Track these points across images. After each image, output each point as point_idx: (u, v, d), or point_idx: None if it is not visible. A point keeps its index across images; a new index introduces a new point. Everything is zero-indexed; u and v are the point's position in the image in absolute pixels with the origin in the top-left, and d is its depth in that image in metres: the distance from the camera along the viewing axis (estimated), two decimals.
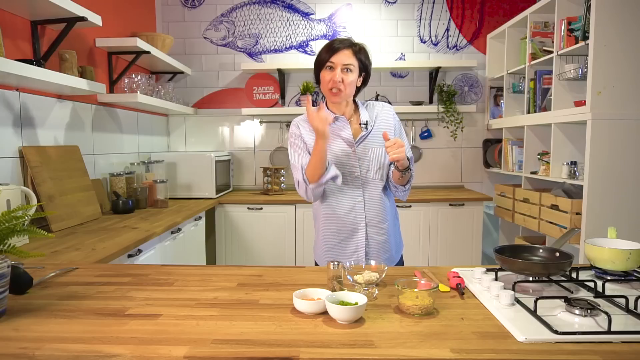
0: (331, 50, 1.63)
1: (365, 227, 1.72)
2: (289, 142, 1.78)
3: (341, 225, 1.73)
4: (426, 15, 3.97)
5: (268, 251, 3.54)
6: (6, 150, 2.09)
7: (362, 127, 1.72)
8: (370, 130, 1.72)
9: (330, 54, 1.63)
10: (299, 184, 1.72)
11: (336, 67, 1.62)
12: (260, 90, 4.01)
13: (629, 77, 2.43)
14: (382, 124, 1.75)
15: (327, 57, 1.63)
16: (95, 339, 0.92)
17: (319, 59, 1.66)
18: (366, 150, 1.71)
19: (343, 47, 1.63)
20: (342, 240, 1.74)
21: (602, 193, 2.46)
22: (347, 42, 1.65)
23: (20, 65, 1.83)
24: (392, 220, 1.80)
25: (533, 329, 0.95)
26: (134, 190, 2.94)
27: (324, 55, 1.64)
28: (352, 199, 1.72)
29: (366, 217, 1.72)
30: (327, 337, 0.93)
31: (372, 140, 1.72)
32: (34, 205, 1.23)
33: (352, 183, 1.71)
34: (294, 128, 1.77)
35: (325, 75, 1.65)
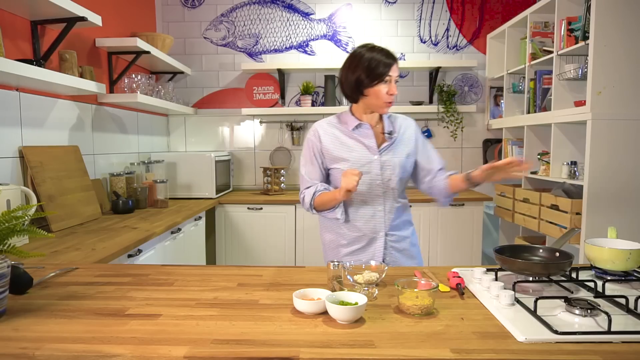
0: (388, 64, 1.63)
1: (384, 236, 1.71)
2: (304, 149, 1.77)
3: (359, 233, 1.72)
4: (426, 15, 3.97)
5: (268, 251, 3.54)
6: (6, 150, 2.09)
7: (387, 137, 1.72)
8: (394, 140, 1.72)
9: (388, 68, 1.62)
10: (303, 199, 1.72)
11: (392, 80, 1.64)
12: (260, 90, 4.01)
13: (629, 77, 2.43)
14: (405, 135, 1.76)
15: (386, 71, 1.62)
16: (95, 339, 0.92)
17: (378, 73, 1.62)
18: (389, 159, 1.70)
19: (394, 60, 1.65)
20: (359, 248, 1.73)
21: (602, 193, 2.46)
22: (393, 55, 1.66)
23: (20, 65, 1.83)
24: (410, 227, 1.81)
25: (533, 329, 0.95)
26: (134, 190, 2.94)
27: (382, 69, 1.62)
28: (373, 207, 1.71)
29: (385, 225, 1.71)
30: (327, 337, 0.93)
31: (395, 150, 1.72)
32: (34, 205, 1.23)
33: (373, 191, 1.70)
34: (312, 136, 1.75)
35: (381, 89, 1.63)
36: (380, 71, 1.62)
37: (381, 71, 1.62)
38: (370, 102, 1.67)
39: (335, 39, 3.99)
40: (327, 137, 1.72)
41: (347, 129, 1.72)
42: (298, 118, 4.03)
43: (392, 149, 1.71)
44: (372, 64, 1.62)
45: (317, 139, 1.73)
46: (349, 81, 1.67)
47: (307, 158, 1.75)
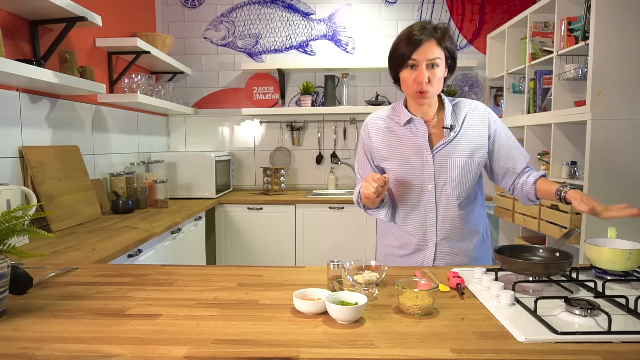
0: (412, 43, 1.34)
1: (435, 245, 1.53)
2: (359, 143, 1.64)
3: (407, 241, 1.56)
4: (426, 15, 3.97)
5: (268, 251, 3.54)
6: (6, 150, 2.09)
7: (445, 132, 1.47)
8: (455, 136, 1.47)
9: (411, 49, 1.34)
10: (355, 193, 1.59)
11: (420, 64, 1.36)
12: (260, 90, 4.01)
13: (629, 77, 2.43)
14: (471, 128, 1.49)
15: (409, 54, 1.35)
16: (95, 339, 0.92)
17: (398, 56, 1.38)
18: (446, 160, 1.46)
19: (425, 38, 1.35)
20: (406, 254, 1.58)
21: (602, 193, 2.46)
22: (428, 31, 1.36)
23: (20, 65, 1.83)
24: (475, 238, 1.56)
25: (533, 329, 0.95)
26: (134, 190, 2.94)
27: (403, 50, 1.36)
28: (424, 214, 1.52)
29: (437, 235, 1.52)
30: (327, 337, 0.93)
31: (455, 148, 1.46)
32: (34, 205, 1.23)
33: (425, 197, 1.50)
34: (363, 131, 1.60)
35: (406, 75, 1.39)
36: (400, 53, 1.37)
37: (402, 53, 1.37)
38: (404, 90, 1.45)
39: (335, 39, 3.99)
40: (377, 133, 1.55)
41: (399, 124, 1.52)
42: (298, 118, 4.03)
43: (450, 147, 1.47)
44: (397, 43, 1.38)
45: (367, 135, 1.57)
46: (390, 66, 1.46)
47: (360, 154, 1.61)
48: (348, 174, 4.09)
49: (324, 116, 4.04)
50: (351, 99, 4.01)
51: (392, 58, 1.43)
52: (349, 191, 3.93)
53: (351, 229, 3.50)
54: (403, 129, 1.51)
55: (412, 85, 1.40)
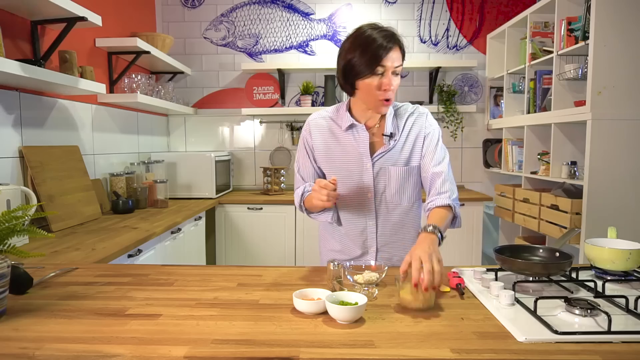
0: (382, 51, 1.29)
1: (375, 252, 1.51)
2: (299, 145, 1.58)
3: (348, 246, 1.54)
4: (426, 15, 3.97)
5: (268, 251, 3.54)
6: (6, 150, 2.09)
7: (385, 140, 1.45)
8: (395, 145, 1.45)
9: (380, 57, 1.29)
10: (296, 196, 1.56)
11: (387, 72, 1.32)
12: (260, 90, 4.01)
13: (629, 77, 2.43)
14: (412, 134, 1.47)
15: (377, 61, 1.29)
16: (95, 339, 0.92)
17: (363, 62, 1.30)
18: (386, 168, 1.45)
19: (393, 45, 1.31)
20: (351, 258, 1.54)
21: (602, 193, 2.46)
22: (394, 39, 1.32)
23: (20, 65, 1.83)
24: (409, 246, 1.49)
25: (533, 329, 0.95)
26: (134, 190, 2.94)
27: (370, 57, 1.29)
28: (363, 221, 1.49)
29: (377, 242, 1.51)
30: (327, 337, 0.93)
31: (395, 156, 1.45)
32: (34, 205, 1.23)
33: (365, 204, 1.48)
34: (305, 130, 1.55)
35: (372, 83, 1.32)
36: (367, 59, 1.29)
37: (368, 59, 1.29)
38: (363, 98, 1.39)
39: (335, 39, 3.99)
40: (319, 133, 1.50)
41: (341, 129, 1.48)
42: (298, 118, 4.03)
43: (390, 155, 1.45)
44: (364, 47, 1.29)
45: (309, 134, 1.52)
46: (339, 68, 1.37)
47: (300, 154, 1.55)
48: None
49: None
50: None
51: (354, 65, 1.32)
52: None
53: None
54: (344, 134, 1.48)
55: (378, 93, 1.34)
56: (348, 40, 1.36)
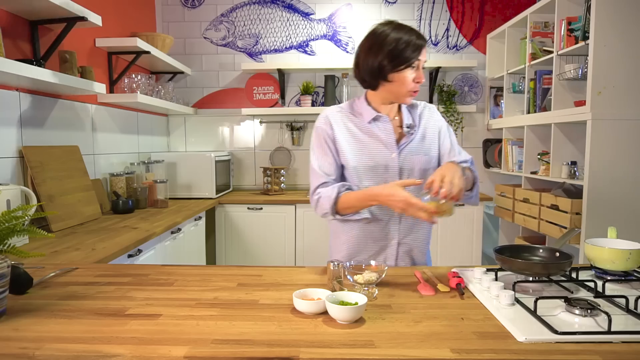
0: (418, 46, 1.41)
1: (397, 245, 1.54)
2: (314, 139, 1.55)
3: (369, 239, 1.54)
4: (426, 15, 3.97)
5: (268, 251, 3.54)
6: (6, 150, 2.09)
7: (406, 131, 1.51)
8: (414, 136, 1.53)
9: (417, 51, 1.41)
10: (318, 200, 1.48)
11: (419, 66, 1.44)
12: (260, 90, 4.01)
13: (629, 77, 2.43)
14: (428, 126, 1.56)
15: (415, 56, 1.41)
16: (95, 339, 0.92)
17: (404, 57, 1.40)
18: (409, 157, 1.51)
19: (425, 42, 1.44)
20: (369, 255, 1.54)
21: (602, 193, 2.46)
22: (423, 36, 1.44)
23: (20, 65, 1.83)
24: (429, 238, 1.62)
25: (533, 329, 0.95)
26: (134, 190, 2.94)
27: (409, 54, 1.40)
28: (387, 213, 1.51)
29: (399, 234, 1.53)
30: (327, 337, 0.93)
31: (416, 146, 1.52)
32: (34, 205, 1.23)
33: None
34: (323, 124, 1.53)
35: (407, 75, 1.43)
36: (408, 55, 1.40)
37: (409, 55, 1.40)
38: (393, 89, 1.46)
39: (335, 39, 3.99)
40: (339, 127, 1.52)
41: (362, 122, 1.52)
42: (298, 118, 4.03)
43: (412, 146, 1.52)
44: (400, 45, 1.40)
45: (329, 127, 1.52)
46: (369, 65, 1.45)
47: (319, 149, 1.52)
48: None
49: None
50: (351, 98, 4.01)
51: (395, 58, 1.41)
52: None
53: None
54: (367, 126, 1.51)
55: (411, 84, 1.44)
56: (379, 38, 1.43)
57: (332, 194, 1.45)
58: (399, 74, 1.43)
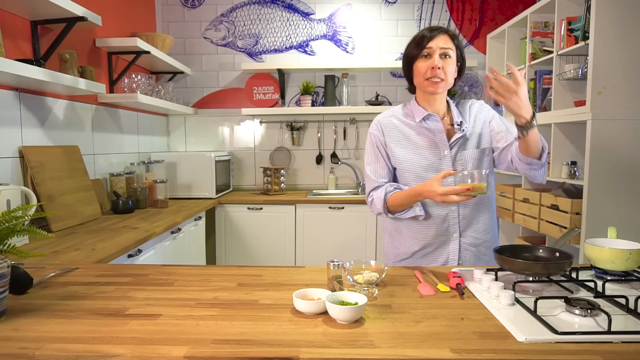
0: (426, 36, 1.45)
1: (458, 237, 1.57)
2: (367, 145, 1.62)
3: (430, 235, 1.58)
4: (426, 15, 3.97)
5: (268, 251, 3.54)
6: (6, 150, 2.09)
7: (457, 129, 1.56)
8: (466, 131, 1.56)
9: (426, 40, 1.44)
10: (372, 202, 1.57)
11: (434, 54, 1.45)
12: (260, 90, 4.01)
13: (629, 77, 2.43)
14: (477, 120, 1.59)
15: (424, 43, 1.44)
16: (95, 339, 0.92)
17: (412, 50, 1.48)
18: (461, 153, 1.55)
19: (438, 32, 1.47)
20: (431, 251, 1.59)
21: (602, 193, 2.46)
22: (440, 28, 1.49)
23: (20, 65, 1.83)
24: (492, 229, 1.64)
25: (533, 329, 0.95)
26: (134, 190, 2.94)
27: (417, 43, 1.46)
28: (445, 207, 1.55)
29: (460, 227, 1.57)
30: (327, 337, 0.93)
31: (467, 141, 1.56)
32: (34, 205, 1.23)
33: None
34: (375, 130, 1.60)
35: (420, 65, 1.47)
36: (415, 44, 1.47)
37: (416, 44, 1.47)
38: (417, 83, 1.52)
39: (335, 39, 3.99)
40: (390, 131, 1.58)
41: (414, 122, 1.57)
42: (298, 118, 4.03)
43: (463, 142, 1.56)
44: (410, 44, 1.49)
45: (380, 133, 1.58)
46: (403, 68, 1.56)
47: (372, 155, 1.60)
48: (348, 174, 4.08)
49: (324, 116, 4.04)
50: (351, 99, 4.02)
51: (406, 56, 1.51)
52: (349, 191, 3.93)
53: (351, 229, 3.50)
54: (418, 126, 1.57)
55: (425, 72, 1.47)
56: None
57: (382, 195, 1.53)
58: (415, 68, 1.51)
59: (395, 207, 1.53)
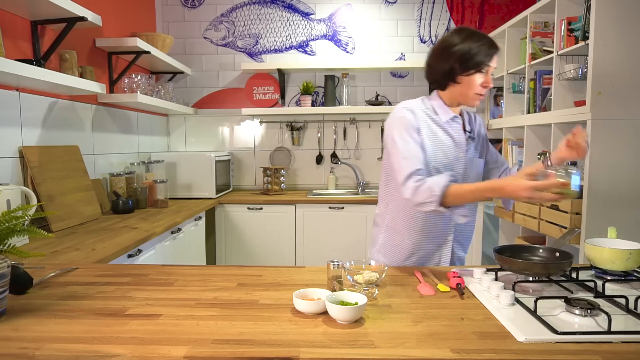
0: (491, 53, 1.48)
1: (452, 241, 1.61)
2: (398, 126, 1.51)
3: (428, 236, 1.59)
4: (426, 15, 3.97)
5: (268, 251, 3.54)
6: (6, 150, 2.09)
7: (468, 134, 1.60)
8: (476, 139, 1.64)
9: (490, 57, 1.48)
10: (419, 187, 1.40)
11: (489, 71, 1.50)
12: (260, 90, 4.01)
13: (629, 77, 2.43)
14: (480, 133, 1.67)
15: (487, 61, 1.48)
16: (95, 339, 0.92)
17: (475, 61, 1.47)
18: (470, 159, 1.60)
19: (497, 50, 1.51)
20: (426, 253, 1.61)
21: (602, 193, 2.46)
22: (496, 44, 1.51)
23: (20, 65, 1.83)
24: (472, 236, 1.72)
25: (533, 329, 0.95)
26: (134, 190, 2.94)
27: (483, 58, 1.47)
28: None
29: (455, 231, 1.61)
30: (327, 337, 0.93)
31: (474, 148, 1.63)
32: (34, 205, 1.23)
33: None
34: (408, 115, 1.53)
35: (476, 78, 1.49)
36: (479, 59, 1.46)
37: (480, 60, 1.46)
38: (462, 91, 1.52)
39: (335, 39, 3.99)
40: (422, 122, 1.54)
41: (440, 120, 1.57)
42: (298, 118, 4.03)
43: (473, 149, 1.61)
44: (473, 50, 1.46)
45: (413, 118, 1.53)
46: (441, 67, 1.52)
47: (407, 135, 1.50)
48: (348, 174, 4.08)
49: (324, 116, 4.04)
50: (351, 99, 4.02)
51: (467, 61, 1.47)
52: (349, 191, 3.93)
53: (351, 229, 3.50)
54: (443, 125, 1.57)
55: (478, 88, 1.50)
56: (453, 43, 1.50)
57: (442, 182, 1.38)
58: (467, 77, 1.49)
59: (455, 199, 1.37)
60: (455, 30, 1.53)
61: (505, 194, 1.32)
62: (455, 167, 1.56)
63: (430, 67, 1.57)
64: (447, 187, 1.37)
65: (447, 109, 1.58)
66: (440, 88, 1.58)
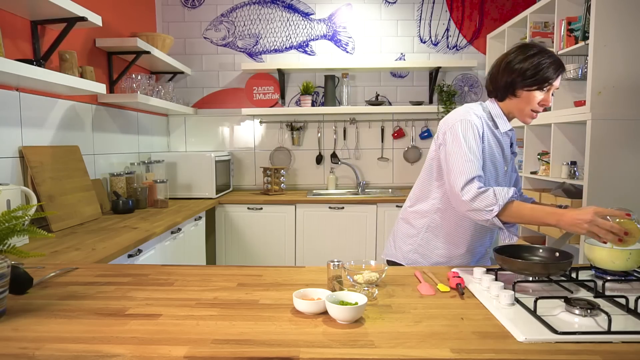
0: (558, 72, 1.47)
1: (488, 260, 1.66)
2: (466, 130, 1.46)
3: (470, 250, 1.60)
4: (426, 15, 3.97)
5: (268, 251, 3.54)
6: (6, 150, 2.09)
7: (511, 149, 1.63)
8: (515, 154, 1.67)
9: (556, 76, 1.47)
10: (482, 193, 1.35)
11: (550, 90, 1.49)
12: (260, 90, 4.01)
13: (629, 77, 2.43)
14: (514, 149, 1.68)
15: (553, 79, 1.46)
16: (95, 339, 0.92)
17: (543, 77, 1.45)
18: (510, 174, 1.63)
19: (564, 71, 1.50)
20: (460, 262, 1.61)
21: (602, 193, 2.46)
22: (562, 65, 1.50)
23: (20, 65, 1.83)
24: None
25: (533, 329, 0.95)
26: (134, 190, 2.94)
27: (551, 74, 1.45)
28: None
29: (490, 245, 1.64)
30: (327, 337, 0.93)
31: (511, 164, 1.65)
32: (34, 205, 1.23)
33: None
34: (475, 119, 1.48)
35: (537, 95, 1.47)
36: (546, 75, 1.44)
37: (548, 75, 1.45)
38: (518, 105, 1.51)
39: (335, 39, 3.99)
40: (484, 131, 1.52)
41: (498, 130, 1.55)
42: (298, 118, 4.03)
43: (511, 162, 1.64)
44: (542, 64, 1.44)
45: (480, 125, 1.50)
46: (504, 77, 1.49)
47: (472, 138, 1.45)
48: (348, 174, 4.08)
49: (324, 116, 4.04)
50: (351, 99, 4.02)
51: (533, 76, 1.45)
52: (349, 191, 3.93)
53: (351, 229, 3.50)
54: (498, 136, 1.55)
55: (536, 105, 1.49)
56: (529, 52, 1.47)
57: (509, 194, 1.34)
58: (528, 92, 1.48)
59: (513, 215, 1.34)
60: (524, 44, 1.51)
61: (565, 220, 1.27)
62: (500, 181, 1.56)
63: (492, 76, 1.55)
64: (511, 201, 1.34)
65: (506, 120, 1.55)
66: (498, 99, 1.56)
